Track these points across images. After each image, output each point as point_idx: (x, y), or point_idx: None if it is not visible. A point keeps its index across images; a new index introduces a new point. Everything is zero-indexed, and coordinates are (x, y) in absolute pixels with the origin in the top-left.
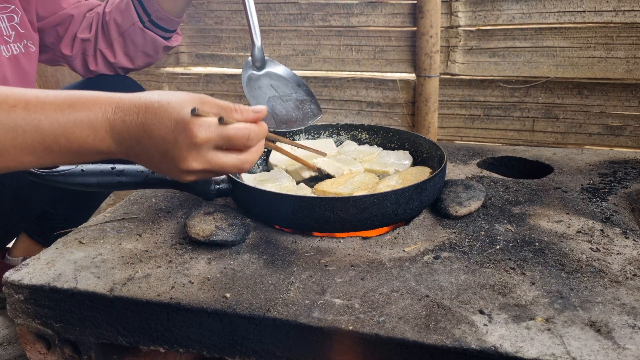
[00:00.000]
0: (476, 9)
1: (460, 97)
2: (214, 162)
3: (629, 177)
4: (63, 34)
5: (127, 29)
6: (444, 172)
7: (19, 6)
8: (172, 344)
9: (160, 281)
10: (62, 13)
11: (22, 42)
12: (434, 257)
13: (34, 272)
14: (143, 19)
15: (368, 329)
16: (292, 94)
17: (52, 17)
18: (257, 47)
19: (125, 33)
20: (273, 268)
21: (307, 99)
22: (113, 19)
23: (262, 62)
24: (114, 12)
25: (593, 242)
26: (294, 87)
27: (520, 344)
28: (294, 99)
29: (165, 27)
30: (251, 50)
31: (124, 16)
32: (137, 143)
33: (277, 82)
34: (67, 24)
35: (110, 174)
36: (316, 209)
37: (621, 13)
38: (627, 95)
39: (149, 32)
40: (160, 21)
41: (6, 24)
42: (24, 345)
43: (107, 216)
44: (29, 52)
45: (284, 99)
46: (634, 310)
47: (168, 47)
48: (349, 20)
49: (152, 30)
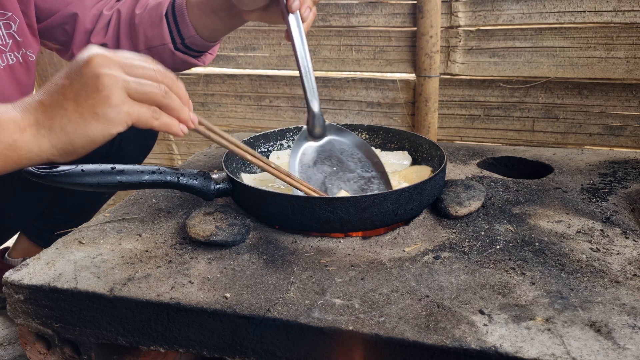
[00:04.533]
0: (476, 9)
1: (460, 97)
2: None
3: (629, 177)
4: (72, 33)
5: (157, 46)
6: (444, 172)
7: (18, 13)
8: (172, 344)
9: (160, 281)
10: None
11: (19, 51)
12: (434, 257)
13: (34, 272)
14: (176, 41)
15: (368, 329)
16: (357, 169)
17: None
18: (316, 114)
19: (154, 50)
20: (273, 268)
21: (375, 175)
22: (143, 30)
23: (322, 130)
24: (145, 22)
25: (593, 242)
26: (361, 160)
27: (520, 344)
28: (358, 176)
29: (198, 49)
30: (307, 117)
31: (154, 32)
32: (49, 107)
33: (340, 153)
34: (72, 23)
35: (110, 174)
36: (316, 209)
37: (621, 13)
38: (627, 95)
39: (179, 54)
40: (194, 45)
41: (2, 32)
42: (24, 345)
43: (107, 216)
44: (27, 61)
45: (344, 178)
46: (634, 310)
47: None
48: (349, 20)
49: (184, 52)
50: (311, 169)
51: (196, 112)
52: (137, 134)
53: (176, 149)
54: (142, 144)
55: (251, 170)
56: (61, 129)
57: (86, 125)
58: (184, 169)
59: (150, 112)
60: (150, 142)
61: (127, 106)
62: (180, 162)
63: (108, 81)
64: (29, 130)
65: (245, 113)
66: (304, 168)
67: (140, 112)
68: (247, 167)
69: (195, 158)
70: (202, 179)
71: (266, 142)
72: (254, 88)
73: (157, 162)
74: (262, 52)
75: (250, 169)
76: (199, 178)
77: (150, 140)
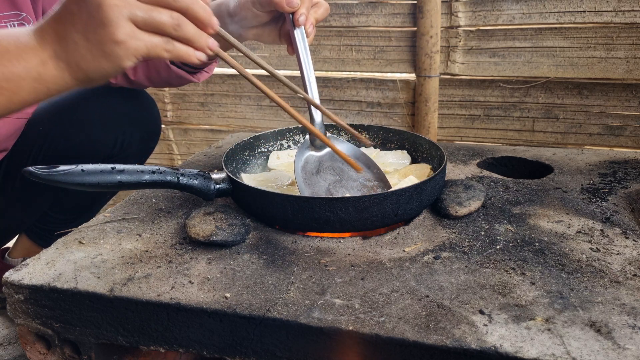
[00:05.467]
0: (476, 9)
1: (460, 97)
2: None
3: (629, 177)
4: None
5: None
6: (444, 172)
7: (32, 14)
8: (172, 344)
9: (160, 281)
10: None
11: None
12: (434, 257)
13: (34, 272)
14: None
15: (368, 329)
16: (359, 178)
17: None
18: (317, 123)
19: (151, 63)
20: (273, 268)
21: (377, 184)
22: None
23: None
24: None
25: (593, 242)
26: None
27: (520, 344)
28: (360, 185)
29: (195, 66)
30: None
31: None
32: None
33: (342, 164)
34: None
35: (110, 174)
36: (316, 209)
37: (621, 13)
38: (627, 95)
39: (175, 69)
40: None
41: None
42: (24, 345)
43: (107, 216)
44: None
45: (347, 185)
46: (634, 310)
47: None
48: (349, 20)
49: (180, 67)
50: (314, 176)
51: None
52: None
53: (176, 149)
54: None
55: (251, 170)
56: (76, 65)
57: (98, 62)
58: (184, 169)
59: (161, 43)
60: (152, 144)
61: (134, 40)
62: (180, 162)
63: (112, 13)
64: (51, 63)
65: (245, 113)
66: (307, 175)
67: (150, 45)
68: (247, 167)
69: (195, 158)
70: (202, 179)
71: (266, 142)
72: (254, 88)
73: (157, 162)
74: (262, 52)
75: (250, 169)
76: (199, 178)
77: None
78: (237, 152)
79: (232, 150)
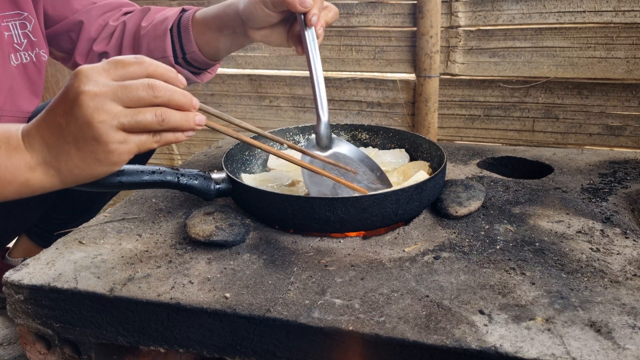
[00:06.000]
0: (476, 9)
1: (460, 97)
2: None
3: (629, 177)
4: (76, 40)
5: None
6: (444, 172)
7: (33, 13)
8: (172, 344)
9: (160, 281)
10: (72, 18)
11: (33, 50)
12: (434, 257)
13: (34, 272)
14: (177, 55)
15: (368, 329)
16: (364, 180)
17: (63, 22)
18: (324, 123)
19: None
20: (273, 268)
21: (380, 187)
22: (147, 42)
23: (329, 141)
24: (150, 34)
25: (593, 242)
26: (366, 173)
27: (520, 344)
28: (364, 186)
29: (199, 66)
30: (316, 127)
31: (157, 44)
32: (53, 147)
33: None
34: (77, 31)
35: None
36: (316, 209)
37: (621, 13)
38: (627, 95)
39: (179, 68)
40: (194, 62)
41: (18, 32)
42: (24, 345)
43: (107, 216)
44: (40, 61)
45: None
46: (634, 310)
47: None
48: (349, 20)
49: (184, 67)
50: (318, 176)
51: (197, 111)
52: None
53: (176, 149)
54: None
55: (251, 170)
56: (69, 172)
57: (91, 169)
58: (184, 169)
59: (150, 138)
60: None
61: (126, 145)
62: (180, 162)
63: (102, 128)
64: (39, 169)
65: (245, 113)
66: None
67: (140, 143)
68: (247, 167)
69: (195, 158)
70: (202, 179)
71: (266, 142)
72: (254, 88)
73: (157, 162)
74: (262, 52)
75: (250, 169)
76: (199, 178)
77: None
78: (237, 152)
79: (232, 150)
